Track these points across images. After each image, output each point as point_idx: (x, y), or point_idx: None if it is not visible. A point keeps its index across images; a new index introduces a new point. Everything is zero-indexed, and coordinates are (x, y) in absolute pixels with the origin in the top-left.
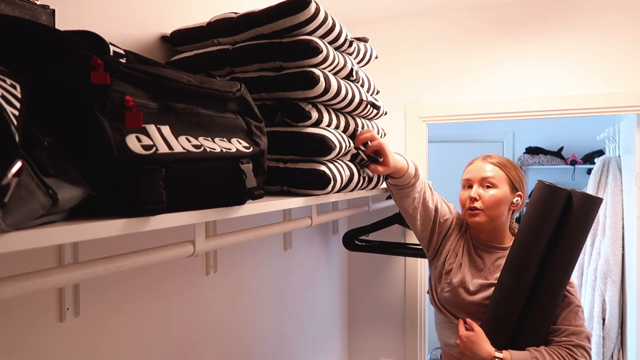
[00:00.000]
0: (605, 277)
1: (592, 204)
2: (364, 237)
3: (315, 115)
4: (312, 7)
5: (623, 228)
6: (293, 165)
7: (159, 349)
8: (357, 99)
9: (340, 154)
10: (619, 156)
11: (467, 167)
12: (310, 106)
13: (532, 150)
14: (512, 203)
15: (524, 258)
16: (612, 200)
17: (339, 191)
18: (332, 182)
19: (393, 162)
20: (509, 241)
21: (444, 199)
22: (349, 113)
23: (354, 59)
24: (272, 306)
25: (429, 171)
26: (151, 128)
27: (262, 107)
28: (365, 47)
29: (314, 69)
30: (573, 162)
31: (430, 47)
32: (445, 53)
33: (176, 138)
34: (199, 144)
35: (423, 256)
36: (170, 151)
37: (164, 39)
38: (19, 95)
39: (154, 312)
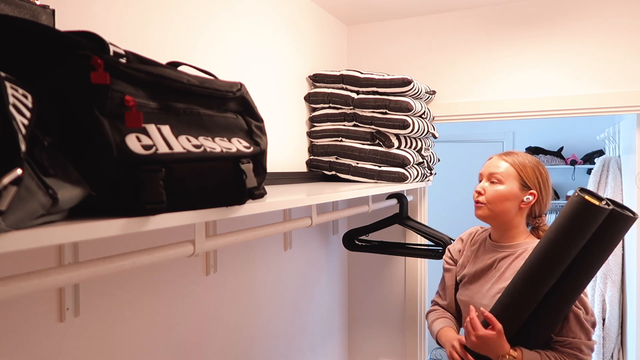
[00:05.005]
0: (605, 277)
1: (628, 222)
2: (364, 237)
3: (396, 143)
4: (412, 84)
5: None
6: (386, 168)
7: (159, 349)
8: (425, 131)
9: (412, 163)
10: (619, 156)
11: (485, 163)
12: (395, 137)
13: (532, 150)
14: (522, 201)
15: (546, 271)
16: None
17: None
18: (409, 179)
19: None
20: (521, 239)
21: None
22: (417, 137)
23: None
24: (272, 306)
25: None
26: (151, 128)
27: (369, 133)
28: (421, 87)
29: (408, 118)
30: (573, 162)
31: (430, 48)
32: (444, 54)
33: (176, 138)
34: (199, 143)
35: (423, 256)
36: (171, 151)
37: (309, 77)
38: (30, 105)
39: (153, 312)
